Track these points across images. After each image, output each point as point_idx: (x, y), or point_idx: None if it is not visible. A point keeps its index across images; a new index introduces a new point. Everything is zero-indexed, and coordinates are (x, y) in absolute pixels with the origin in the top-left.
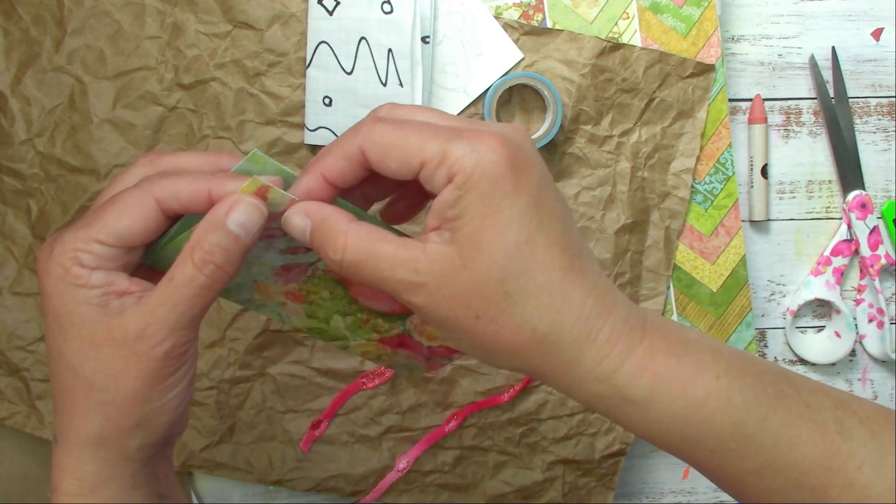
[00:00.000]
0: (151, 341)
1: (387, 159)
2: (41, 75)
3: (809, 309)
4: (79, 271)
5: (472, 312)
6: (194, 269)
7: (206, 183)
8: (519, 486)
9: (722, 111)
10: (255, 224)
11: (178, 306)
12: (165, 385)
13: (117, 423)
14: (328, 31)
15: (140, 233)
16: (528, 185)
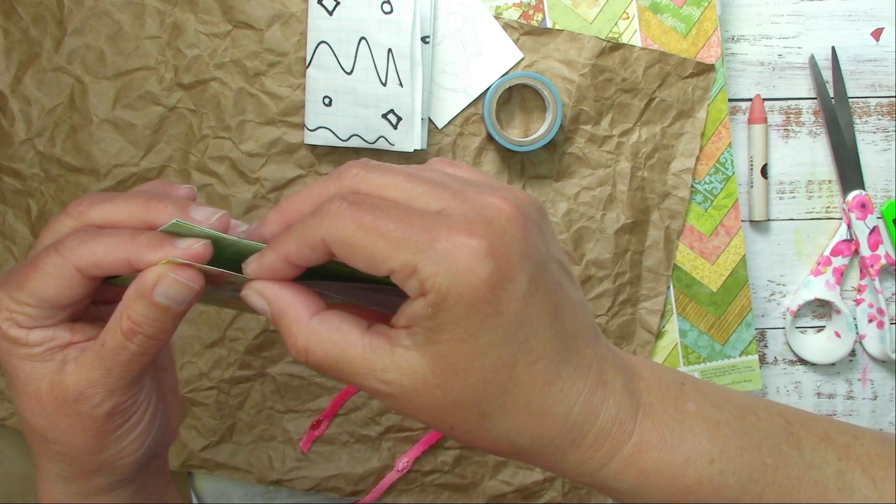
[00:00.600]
0: (91, 403)
1: (352, 259)
2: (41, 75)
3: (809, 309)
4: (16, 332)
5: (447, 424)
6: (124, 339)
7: (125, 251)
8: (519, 486)
9: (722, 111)
10: (185, 297)
11: (112, 371)
12: (117, 436)
13: (77, 468)
14: (328, 31)
15: (69, 297)
16: (511, 301)
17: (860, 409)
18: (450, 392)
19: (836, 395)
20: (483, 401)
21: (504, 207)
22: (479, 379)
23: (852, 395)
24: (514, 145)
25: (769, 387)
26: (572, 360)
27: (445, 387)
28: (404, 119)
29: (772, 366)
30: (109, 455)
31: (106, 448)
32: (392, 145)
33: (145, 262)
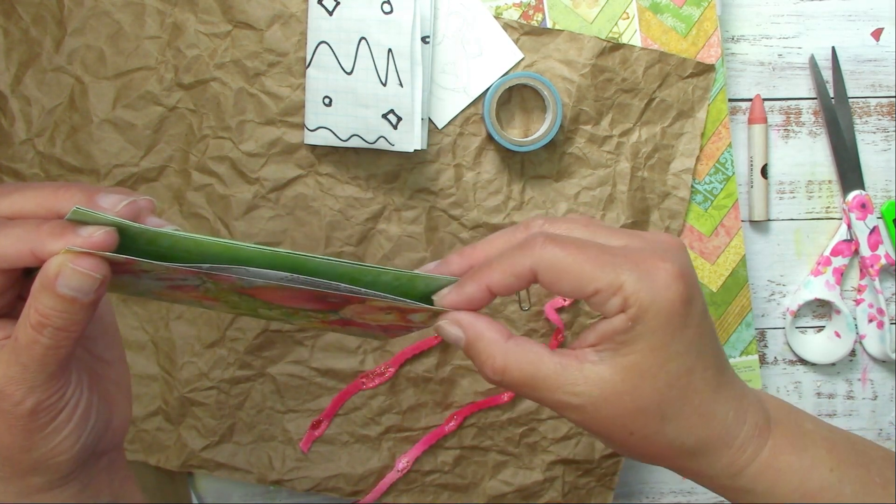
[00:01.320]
0: (12, 400)
1: (559, 283)
2: (41, 75)
3: (809, 309)
4: None
5: (627, 431)
6: (34, 332)
7: (28, 241)
8: (519, 486)
9: (722, 111)
10: (89, 287)
11: (28, 367)
12: (46, 434)
13: (11, 468)
14: (328, 31)
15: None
16: (694, 317)
17: (860, 409)
18: (638, 397)
19: (836, 395)
20: (665, 404)
21: (672, 242)
22: (664, 384)
23: (852, 395)
24: (514, 145)
25: (769, 387)
26: (727, 372)
27: (634, 392)
28: (404, 119)
29: (772, 366)
30: (41, 453)
31: (36, 446)
32: (392, 145)
33: (47, 251)
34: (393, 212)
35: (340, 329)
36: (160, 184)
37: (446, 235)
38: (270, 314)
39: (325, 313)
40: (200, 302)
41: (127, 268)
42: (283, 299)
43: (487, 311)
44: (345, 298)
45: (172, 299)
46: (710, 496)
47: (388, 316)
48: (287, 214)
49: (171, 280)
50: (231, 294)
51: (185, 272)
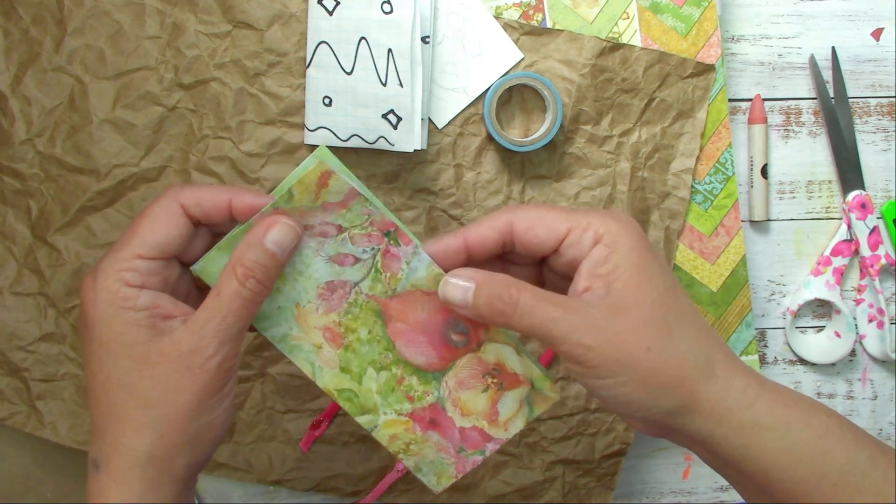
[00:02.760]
0: (205, 354)
1: (534, 228)
2: (41, 75)
3: (809, 309)
4: (127, 291)
5: (644, 345)
6: (238, 284)
7: (227, 193)
8: (519, 486)
9: (722, 111)
10: (289, 242)
11: (227, 318)
12: (215, 399)
13: (169, 439)
14: (328, 31)
15: (174, 239)
16: (656, 252)
17: (860, 409)
18: (643, 308)
19: (836, 395)
20: (668, 314)
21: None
22: (658, 294)
23: (852, 395)
24: (514, 145)
25: None
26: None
27: (638, 305)
28: (404, 119)
29: (772, 366)
30: (202, 424)
31: (202, 414)
32: (392, 145)
33: (245, 203)
34: (393, 212)
35: (419, 442)
36: (160, 184)
37: None
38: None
39: (428, 380)
40: (320, 349)
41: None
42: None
43: None
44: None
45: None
46: (710, 496)
47: (483, 395)
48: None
49: (341, 265)
50: (365, 322)
51: (385, 223)
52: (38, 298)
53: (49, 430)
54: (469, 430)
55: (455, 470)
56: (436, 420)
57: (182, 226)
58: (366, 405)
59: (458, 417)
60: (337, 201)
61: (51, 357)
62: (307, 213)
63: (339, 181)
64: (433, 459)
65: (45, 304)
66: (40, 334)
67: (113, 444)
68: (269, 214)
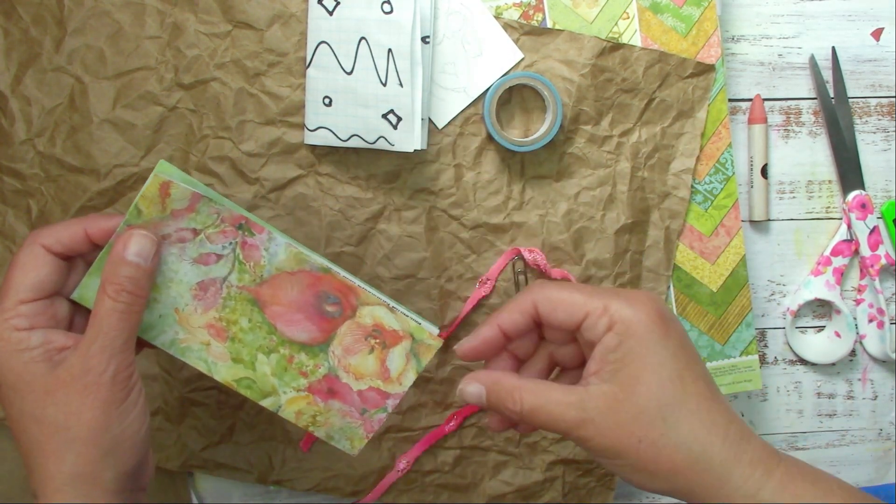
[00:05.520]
0: (96, 371)
1: (556, 311)
2: (41, 75)
3: (809, 309)
4: (18, 336)
5: (636, 438)
6: (111, 300)
7: (80, 223)
8: (519, 486)
9: (722, 111)
10: (149, 251)
11: (108, 333)
12: (121, 410)
13: (87, 455)
14: (328, 31)
15: (47, 277)
16: (674, 333)
17: (860, 409)
18: (637, 401)
19: (836, 395)
20: (664, 406)
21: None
22: (658, 386)
23: (852, 395)
24: (514, 145)
25: (769, 387)
26: (720, 393)
27: (633, 397)
28: (404, 119)
29: (772, 366)
30: (115, 434)
31: (112, 425)
32: (392, 145)
33: (99, 227)
34: (393, 212)
35: (323, 412)
36: None
37: (446, 235)
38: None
39: (316, 353)
40: (209, 345)
41: (178, 234)
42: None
43: (488, 309)
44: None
45: (187, 329)
46: None
47: (370, 356)
48: (287, 214)
49: (206, 265)
50: (243, 311)
51: (235, 217)
52: None
53: None
54: (366, 391)
55: (364, 430)
56: (333, 389)
57: (50, 264)
58: (265, 389)
59: (354, 382)
60: (183, 207)
61: None
62: (160, 223)
63: (179, 189)
64: (341, 426)
65: None
66: None
67: (41, 473)
68: (123, 232)
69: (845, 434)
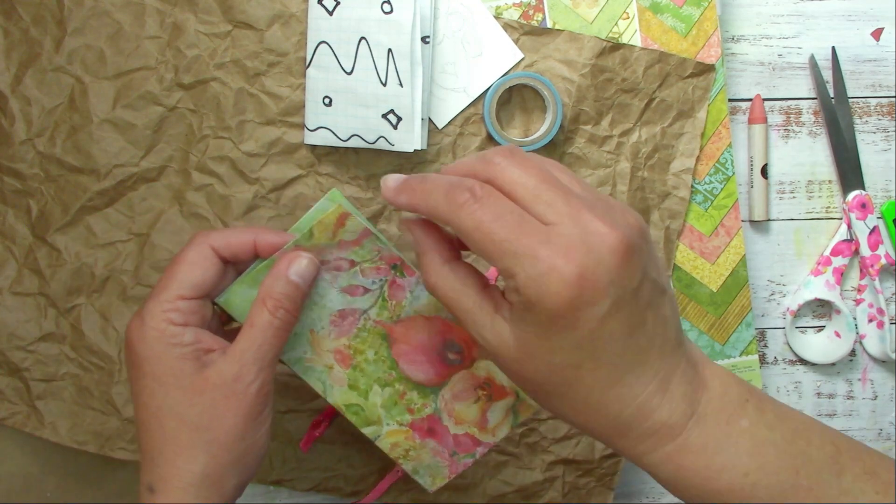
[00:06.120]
0: (246, 380)
1: (469, 243)
2: (41, 75)
3: (809, 309)
4: (173, 330)
5: (520, 387)
6: (270, 315)
7: (251, 234)
8: (519, 486)
9: (722, 111)
10: (311, 274)
11: (262, 347)
12: (257, 422)
13: (220, 459)
14: (328, 31)
15: (210, 279)
16: (587, 321)
17: (860, 409)
18: (523, 369)
19: (836, 395)
20: (547, 384)
21: (609, 237)
22: (546, 369)
23: (852, 395)
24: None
25: (769, 387)
26: (637, 369)
27: (521, 364)
28: (404, 119)
29: (772, 366)
30: (248, 444)
31: (248, 435)
32: (392, 145)
33: (269, 241)
34: (393, 212)
35: (417, 448)
36: (160, 184)
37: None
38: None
39: (427, 395)
40: (331, 369)
41: (336, 263)
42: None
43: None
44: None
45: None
46: None
47: (475, 405)
48: (287, 214)
49: (352, 296)
50: (372, 344)
51: (393, 257)
52: (38, 298)
53: (49, 430)
54: (462, 436)
55: (448, 471)
56: (433, 429)
57: (215, 266)
58: (371, 418)
59: (453, 426)
60: (352, 240)
61: (51, 357)
62: (324, 249)
63: (355, 222)
64: (430, 463)
65: (45, 304)
66: (40, 334)
67: (168, 467)
68: (290, 251)
69: (845, 434)
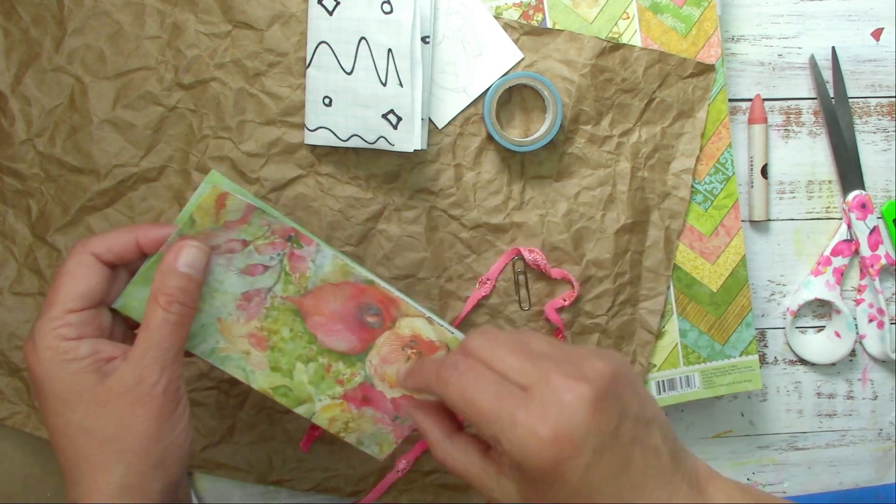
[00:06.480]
0: (149, 382)
1: (455, 410)
2: (41, 75)
3: (809, 309)
4: (66, 345)
5: None
6: (163, 311)
7: (132, 232)
8: None
9: (722, 111)
10: (201, 262)
11: (161, 345)
12: (171, 421)
13: (137, 466)
14: (328, 31)
15: (97, 287)
16: (574, 472)
17: (860, 409)
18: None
19: (836, 395)
20: None
21: (577, 391)
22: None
23: (852, 395)
24: (514, 145)
25: (769, 387)
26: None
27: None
28: (404, 119)
29: (772, 366)
30: (165, 445)
31: (163, 436)
32: (392, 145)
33: (151, 237)
34: (393, 212)
35: (356, 418)
36: (160, 184)
37: (446, 235)
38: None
39: (353, 362)
40: (248, 354)
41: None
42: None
43: (488, 309)
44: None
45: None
46: None
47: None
48: (287, 214)
49: (252, 276)
50: (285, 321)
51: (285, 229)
52: (39, 298)
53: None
54: (399, 399)
55: (394, 436)
56: (367, 396)
57: (99, 273)
58: (301, 396)
59: (387, 390)
60: (237, 219)
61: None
62: (211, 234)
63: (236, 200)
64: (373, 432)
65: None
66: None
67: (87, 484)
68: (175, 242)
69: (845, 434)
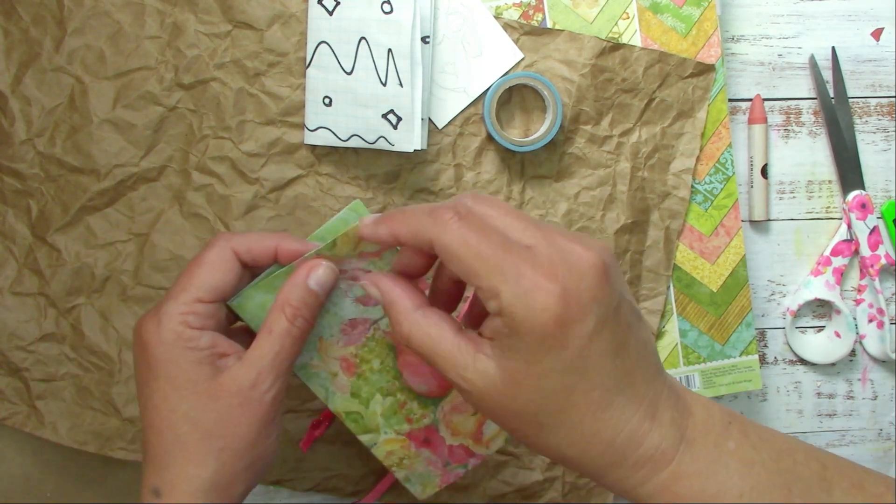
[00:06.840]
0: (262, 388)
1: (450, 265)
2: (41, 75)
3: (809, 309)
4: (190, 333)
5: (510, 427)
6: (288, 322)
7: (273, 240)
8: (519, 486)
9: (722, 111)
10: (329, 283)
11: (280, 354)
12: (269, 429)
13: (230, 467)
14: (328, 31)
15: (230, 283)
16: (577, 338)
17: (860, 409)
18: (513, 401)
19: (836, 395)
20: (541, 414)
21: (586, 255)
22: (539, 396)
23: (852, 395)
24: (514, 145)
25: (769, 387)
26: (628, 391)
27: (511, 396)
28: (404, 119)
29: (772, 366)
30: (259, 451)
31: (259, 442)
32: (392, 145)
33: (291, 249)
34: None
35: (412, 457)
36: (160, 184)
37: None
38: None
39: (427, 405)
40: (335, 376)
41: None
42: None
43: None
44: None
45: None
46: None
47: (472, 418)
48: (287, 214)
49: (365, 305)
50: (379, 354)
51: None
52: (38, 298)
53: (49, 430)
54: (457, 447)
55: (440, 481)
56: (429, 439)
57: (235, 269)
58: (369, 425)
59: (449, 437)
60: (373, 251)
61: (51, 357)
62: (344, 259)
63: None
64: (422, 472)
65: (45, 304)
66: (40, 334)
67: (177, 472)
68: (311, 259)
69: (845, 434)
